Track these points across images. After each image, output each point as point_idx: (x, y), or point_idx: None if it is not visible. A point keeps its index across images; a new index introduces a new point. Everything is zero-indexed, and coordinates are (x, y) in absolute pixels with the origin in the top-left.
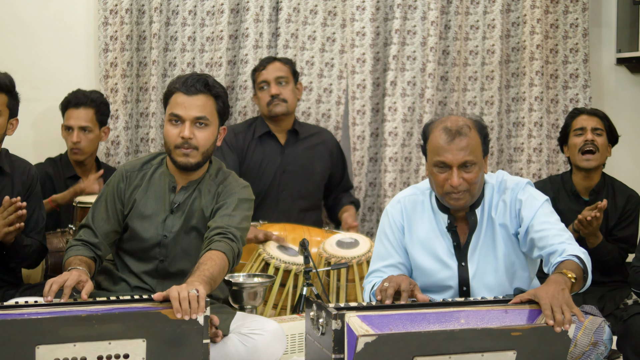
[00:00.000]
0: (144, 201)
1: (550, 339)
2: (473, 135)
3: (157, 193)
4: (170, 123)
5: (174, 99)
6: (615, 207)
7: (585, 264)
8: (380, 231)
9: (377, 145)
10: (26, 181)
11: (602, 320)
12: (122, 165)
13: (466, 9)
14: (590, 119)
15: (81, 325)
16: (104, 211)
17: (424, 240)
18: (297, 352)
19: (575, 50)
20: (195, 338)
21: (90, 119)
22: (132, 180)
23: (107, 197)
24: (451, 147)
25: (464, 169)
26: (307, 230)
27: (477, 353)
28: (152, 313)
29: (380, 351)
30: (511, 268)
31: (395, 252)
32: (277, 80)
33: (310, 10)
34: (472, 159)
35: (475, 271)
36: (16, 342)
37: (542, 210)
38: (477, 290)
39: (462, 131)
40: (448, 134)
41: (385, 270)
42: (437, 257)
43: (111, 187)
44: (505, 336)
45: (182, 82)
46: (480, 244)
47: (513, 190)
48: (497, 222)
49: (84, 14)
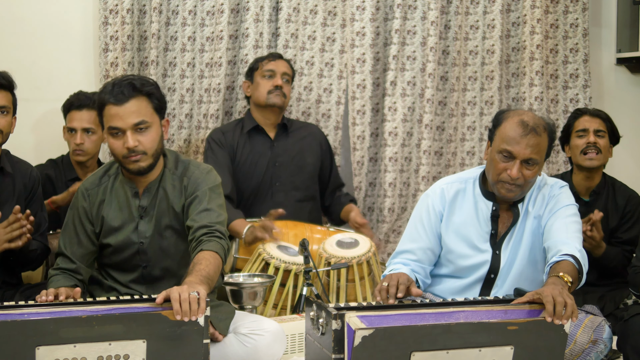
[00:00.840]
0: (111, 215)
1: (546, 334)
2: (544, 137)
3: (121, 203)
4: (112, 136)
5: (107, 112)
6: (615, 207)
7: (580, 264)
8: (416, 214)
9: (377, 145)
10: (28, 183)
11: (602, 320)
12: (81, 184)
13: (466, 9)
14: (593, 120)
15: (81, 327)
16: (74, 235)
17: (459, 226)
18: (297, 352)
19: (575, 50)
20: (196, 339)
21: (93, 121)
22: (94, 197)
23: (74, 220)
24: (523, 140)
25: (526, 165)
26: (309, 228)
27: (474, 348)
28: (152, 314)
29: (378, 346)
30: (535, 261)
31: (426, 236)
32: (283, 76)
33: (310, 10)
34: (537, 157)
35: (506, 261)
36: (16, 343)
37: (565, 210)
38: (502, 279)
39: (537, 130)
40: (524, 127)
41: (415, 251)
42: (471, 243)
43: (75, 209)
44: (501, 330)
45: (109, 92)
46: (518, 236)
47: (552, 187)
48: (532, 215)
49: (84, 14)
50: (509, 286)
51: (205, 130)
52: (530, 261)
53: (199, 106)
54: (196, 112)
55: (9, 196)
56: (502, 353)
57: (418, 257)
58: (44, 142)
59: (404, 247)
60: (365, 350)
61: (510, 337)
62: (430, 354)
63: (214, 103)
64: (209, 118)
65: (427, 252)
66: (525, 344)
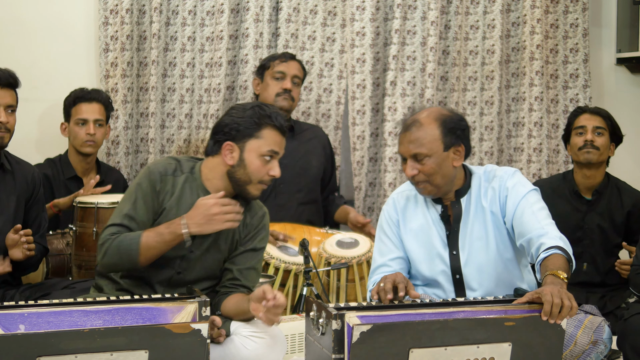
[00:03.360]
0: (174, 212)
1: (544, 331)
2: (430, 127)
3: (188, 208)
4: (264, 159)
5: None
6: (621, 207)
7: (568, 253)
8: (379, 229)
9: (377, 145)
10: (29, 184)
11: (602, 320)
12: (153, 165)
13: (466, 9)
14: (592, 117)
15: (83, 339)
16: (143, 205)
17: (418, 232)
18: (297, 352)
19: (575, 50)
20: (198, 349)
21: (102, 113)
22: (166, 184)
23: (144, 196)
24: (403, 139)
25: (417, 161)
26: (307, 230)
27: (472, 345)
28: (155, 327)
29: (376, 343)
30: (503, 255)
31: (394, 246)
32: (293, 78)
33: (310, 10)
34: (422, 151)
35: (467, 259)
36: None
37: (526, 200)
38: (470, 278)
39: (417, 123)
40: (402, 126)
41: (390, 263)
42: (431, 247)
43: (146, 187)
44: (499, 327)
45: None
46: (472, 232)
47: (502, 178)
48: (487, 210)
49: (84, 14)
50: (487, 287)
51: (205, 130)
52: (501, 259)
53: (199, 106)
54: (196, 112)
55: (9, 193)
56: (500, 350)
57: (394, 268)
58: (43, 142)
59: (378, 263)
60: (364, 347)
61: (508, 333)
62: (429, 351)
63: (214, 103)
64: (209, 118)
65: (400, 261)
66: (523, 341)
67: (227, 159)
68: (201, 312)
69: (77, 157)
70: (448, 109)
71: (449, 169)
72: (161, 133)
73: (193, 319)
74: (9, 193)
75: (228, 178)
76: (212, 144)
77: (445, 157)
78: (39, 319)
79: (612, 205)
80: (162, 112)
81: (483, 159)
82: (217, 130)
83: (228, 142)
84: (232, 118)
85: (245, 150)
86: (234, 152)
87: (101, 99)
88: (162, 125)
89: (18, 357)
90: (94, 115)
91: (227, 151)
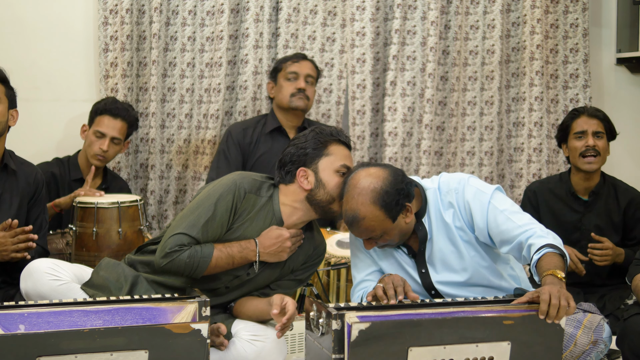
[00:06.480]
0: (241, 231)
1: (543, 329)
2: (369, 218)
3: (257, 233)
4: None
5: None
6: (618, 206)
7: (559, 248)
8: (352, 244)
9: (377, 145)
10: (32, 184)
11: (601, 318)
12: (239, 179)
13: (466, 9)
14: (591, 121)
15: (83, 339)
16: (219, 220)
17: (387, 253)
18: (297, 352)
19: (575, 50)
20: (198, 349)
21: (123, 132)
22: (248, 202)
23: (224, 213)
24: (352, 231)
25: (374, 239)
26: None
27: (471, 344)
28: (155, 328)
29: (375, 341)
30: (480, 263)
31: (371, 261)
32: (306, 78)
33: (310, 10)
34: (374, 235)
35: (440, 274)
36: (17, 355)
37: (493, 207)
38: (446, 292)
39: (355, 221)
40: (344, 219)
41: (369, 277)
42: (401, 267)
43: (229, 201)
44: (497, 325)
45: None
46: (439, 247)
47: (457, 191)
48: (452, 225)
49: (84, 14)
50: (467, 295)
51: (205, 130)
52: (480, 269)
53: (199, 106)
54: (196, 112)
55: (12, 194)
56: (499, 349)
57: (375, 282)
58: (43, 142)
59: (357, 279)
60: (363, 346)
61: (507, 332)
62: (428, 349)
63: (214, 103)
64: (209, 118)
65: (378, 274)
66: (522, 340)
67: (304, 185)
68: (201, 312)
69: (86, 161)
70: (373, 173)
71: (403, 227)
72: (161, 133)
73: (193, 319)
74: (13, 193)
75: (308, 203)
76: (283, 175)
77: (397, 224)
78: (39, 319)
79: (609, 205)
80: (162, 112)
81: (483, 159)
82: (284, 163)
83: (301, 168)
84: (295, 147)
85: (319, 170)
86: (309, 177)
87: (127, 117)
88: (162, 125)
89: (18, 357)
90: (113, 132)
91: (302, 178)
